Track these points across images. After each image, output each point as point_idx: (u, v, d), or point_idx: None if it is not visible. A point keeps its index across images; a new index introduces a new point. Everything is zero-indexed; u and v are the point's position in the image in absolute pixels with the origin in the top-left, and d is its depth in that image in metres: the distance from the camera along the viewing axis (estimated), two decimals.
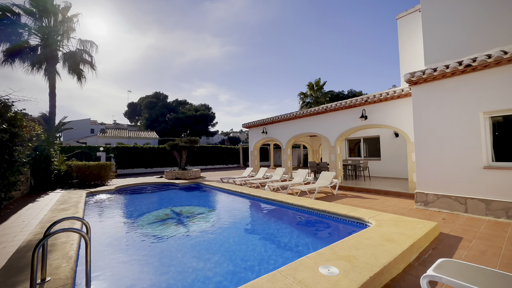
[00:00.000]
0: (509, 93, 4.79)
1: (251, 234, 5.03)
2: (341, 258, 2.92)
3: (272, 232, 5.03)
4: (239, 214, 6.73)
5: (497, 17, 5.46)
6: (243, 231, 5.17)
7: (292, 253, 3.93)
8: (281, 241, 4.47)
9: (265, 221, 5.90)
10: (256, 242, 4.46)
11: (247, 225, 5.68)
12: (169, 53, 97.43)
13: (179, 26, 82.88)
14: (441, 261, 2.65)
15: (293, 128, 11.81)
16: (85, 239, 2.29)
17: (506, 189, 4.80)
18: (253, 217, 6.43)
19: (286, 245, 4.29)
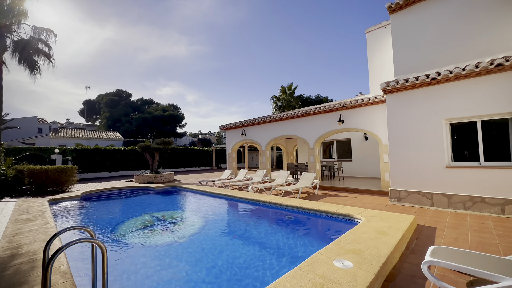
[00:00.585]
0: (466, 104, 5.67)
1: (247, 236, 5.03)
2: (349, 252, 3.14)
3: (268, 232, 5.11)
4: (229, 216, 6.67)
5: (454, 37, 6.45)
6: (239, 234, 5.15)
7: (296, 251, 4.07)
8: (280, 241, 4.57)
9: (258, 222, 5.94)
10: (256, 243, 4.49)
11: (241, 227, 5.65)
12: (132, 49, 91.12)
13: (142, 21, 78.16)
14: (433, 248, 3.02)
15: (273, 130, 12.09)
16: (102, 249, 2.08)
17: (463, 185, 5.66)
18: (244, 219, 6.42)
19: (286, 244, 4.41)
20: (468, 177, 5.62)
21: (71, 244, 1.94)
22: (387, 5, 7.83)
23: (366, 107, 8.64)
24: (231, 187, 10.69)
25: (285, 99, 27.36)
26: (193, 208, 7.55)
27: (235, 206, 7.58)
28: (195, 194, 9.60)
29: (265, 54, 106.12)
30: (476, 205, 5.44)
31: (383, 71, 11.31)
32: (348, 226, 4.97)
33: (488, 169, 5.40)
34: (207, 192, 9.12)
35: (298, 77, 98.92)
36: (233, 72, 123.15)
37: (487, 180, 5.37)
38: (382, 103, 8.22)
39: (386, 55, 11.27)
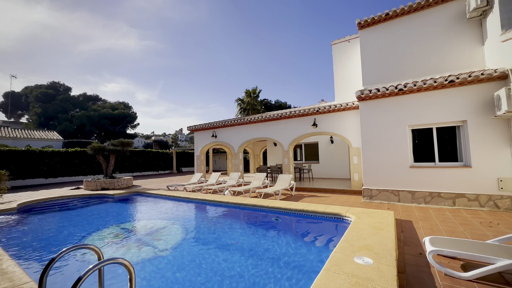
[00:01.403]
0: (425, 113, 6.62)
1: (243, 240, 4.80)
2: (361, 248, 3.27)
3: (263, 235, 4.97)
4: (213, 223, 6.26)
5: (412, 55, 7.51)
6: (231, 240, 4.87)
7: (300, 252, 4.04)
8: (278, 243, 4.49)
9: (248, 227, 5.74)
10: (255, 249, 4.31)
11: (231, 233, 5.36)
12: (69, 37, 79.36)
13: (82, 7, 68.97)
14: (430, 238, 3.38)
15: (246, 132, 12.00)
16: (129, 270, 1.67)
17: (422, 182, 6.56)
18: (231, 224, 6.11)
19: (288, 246, 4.35)
20: (426, 175, 6.54)
21: (93, 270, 1.50)
22: (357, 21, 8.62)
23: (338, 113, 9.32)
24: (205, 191, 10.15)
25: (249, 102, 27.57)
26: (169, 216, 6.86)
27: (216, 211, 7.19)
28: (166, 200, 8.77)
29: (223, 56, 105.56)
30: (434, 199, 6.37)
31: (347, 81, 12.41)
32: (339, 224, 5.23)
33: (442, 168, 6.39)
34: (181, 197, 8.44)
35: (258, 81, 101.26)
36: (189, 72, 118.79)
37: (441, 178, 6.35)
38: (352, 109, 8.98)
39: (350, 66, 12.42)
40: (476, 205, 5.89)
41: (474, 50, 6.90)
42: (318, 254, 4.01)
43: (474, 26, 6.90)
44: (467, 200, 6.00)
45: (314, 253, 4.11)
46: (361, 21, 8.59)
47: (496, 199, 5.70)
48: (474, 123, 5.99)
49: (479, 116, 5.93)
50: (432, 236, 3.42)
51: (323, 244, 4.53)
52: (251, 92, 27.72)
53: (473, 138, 5.99)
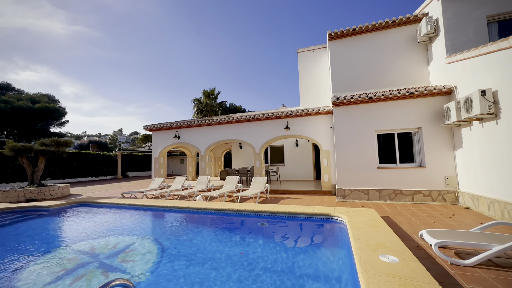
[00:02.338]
0: (388, 119, 7.47)
1: (243, 250, 4.35)
2: (377, 246, 3.33)
3: (259, 243, 4.64)
4: (195, 234, 5.55)
5: (375, 68, 8.45)
6: (224, 252, 4.38)
7: (306, 256, 3.88)
8: (284, 251, 4.24)
9: (236, 235, 5.28)
10: (256, 259, 3.95)
11: (218, 244, 4.82)
12: None
13: None
14: (427, 231, 3.69)
15: (215, 134, 11.37)
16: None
17: (387, 181, 7.36)
18: (216, 234, 5.52)
19: (295, 252, 4.14)
20: (390, 175, 7.36)
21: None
22: (328, 32, 9.23)
23: (310, 117, 9.73)
24: (171, 197, 9.08)
25: (208, 103, 26.54)
26: (134, 230, 5.77)
27: (192, 219, 6.45)
28: (125, 210, 7.44)
29: (173, 55, 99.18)
30: (397, 196, 7.20)
31: (312, 87, 13.18)
32: (330, 224, 5.32)
33: (402, 168, 7.30)
34: (146, 206, 7.30)
35: (212, 83, 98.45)
36: (131, 67, 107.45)
37: (402, 177, 7.24)
38: (323, 114, 9.50)
39: (314, 74, 13.23)
40: (430, 200, 6.91)
41: (421, 68, 8.20)
42: (332, 257, 3.94)
43: (422, 49, 8.21)
44: (422, 196, 6.98)
45: (326, 256, 4.03)
46: (331, 32, 9.23)
47: (444, 194, 6.80)
48: (427, 130, 7.06)
49: (431, 124, 7.03)
50: (429, 229, 3.76)
51: (326, 246, 4.50)
52: (209, 92, 26.75)
53: (427, 143, 7.05)
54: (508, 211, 4.76)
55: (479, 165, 5.66)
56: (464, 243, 3.19)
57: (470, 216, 5.45)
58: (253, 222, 5.90)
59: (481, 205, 5.65)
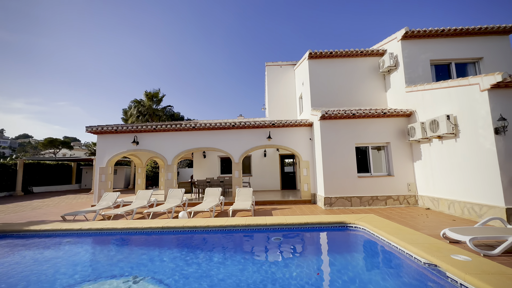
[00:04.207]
0: (364, 134, 8.56)
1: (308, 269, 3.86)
2: (430, 246, 3.63)
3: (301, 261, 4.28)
4: (214, 261, 4.60)
5: (346, 88, 9.66)
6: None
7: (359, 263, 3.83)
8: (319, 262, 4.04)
9: (260, 255, 4.69)
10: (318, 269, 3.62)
11: (256, 261, 4.15)
12: None
13: None
14: (449, 229, 4.32)
15: (187, 141, 10.09)
16: None
17: (366, 188, 8.31)
18: (234, 257, 4.72)
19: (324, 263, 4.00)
20: (367, 183, 8.36)
21: None
22: (309, 52, 10.01)
23: (291, 128, 10.03)
24: (147, 215, 7.33)
25: (150, 107, 23.50)
26: (119, 266, 4.28)
27: (192, 241, 5.36)
28: (88, 238, 5.48)
29: (89, 45, 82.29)
30: (374, 202, 8.20)
31: (279, 100, 13.80)
32: (344, 232, 5.47)
33: (376, 177, 8.42)
34: (118, 229, 5.61)
35: (148, 85, 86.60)
36: (22, 50, 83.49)
37: (376, 184, 8.34)
38: (303, 126, 9.98)
39: (282, 88, 13.93)
40: (398, 203, 8.20)
41: (381, 93, 9.91)
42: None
43: (381, 78, 9.97)
44: (393, 200, 8.21)
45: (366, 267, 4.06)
46: (311, 52, 10.03)
47: (407, 198, 8.22)
48: (394, 144, 8.47)
49: (397, 140, 8.48)
50: (449, 228, 4.40)
51: (364, 256, 4.57)
52: (153, 95, 23.82)
53: (394, 155, 8.43)
54: (468, 209, 6.17)
55: (439, 173, 7.17)
56: (489, 237, 3.90)
57: (439, 215, 6.74)
58: (265, 237, 5.42)
59: (441, 205, 7.11)
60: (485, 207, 5.71)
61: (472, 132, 6.02)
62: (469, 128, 6.10)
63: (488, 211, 5.63)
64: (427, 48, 8.75)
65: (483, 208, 5.78)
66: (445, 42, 8.77)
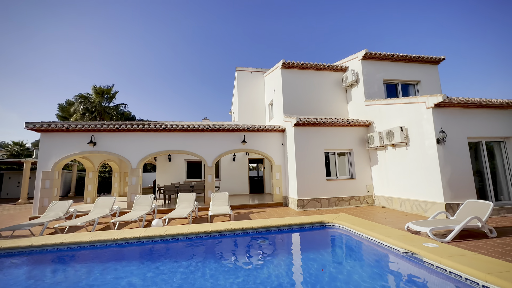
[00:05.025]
0: (332, 140, 9.41)
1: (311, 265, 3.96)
2: (403, 237, 4.26)
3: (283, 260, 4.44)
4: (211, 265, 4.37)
5: (315, 98, 10.51)
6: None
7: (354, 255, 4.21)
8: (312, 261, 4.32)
9: (251, 257, 4.69)
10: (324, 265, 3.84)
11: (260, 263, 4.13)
12: None
13: None
14: (412, 223, 5.13)
15: (154, 142, 9.33)
16: None
17: (333, 190, 9.10)
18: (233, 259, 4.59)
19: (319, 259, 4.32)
20: (334, 185, 9.18)
21: None
22: (282, 61, 10.58)
23: (265, 133, 10.29)
24: (113, 225, 6.42)
25: (100, 104, 20.85)
26: None
27: (184, 250, 5.00)
28: (49, 255, 4.55)
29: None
30: (340, 202, 9.04)
31: (248, 105, 14.09)
32: (323, 230, 5.91)
33: (341, 180, 9.32)
34: (83, 243, 4.85)
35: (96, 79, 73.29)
36: None
37: (341, 187, 9.22)
38: (277, 131, 10.37)
39: (251, 93, 14.26)
40: (359, 203, 9.21)
41: (343, 105, 11.08)
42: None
43: (343, 91, 11.16)
44: (355, 200, 9.19)
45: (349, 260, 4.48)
46: (285, 61, 10.61)
47: (366, 198, 9.31)
48: (356, 150, 9.55)
49: (358, 147, 9.57)
50: (411, 222, 5.21)
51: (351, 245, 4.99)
52: (103, 91, 21.21)
53: (356, 160, 9.48)
54: (416, 206, 7.37)
55: (392, 176, 8.38)
56: (442, 227, 4.77)
57: (394, 212, 7.84)
58: (252, 240, 5.45)
59: (394, 204, 8.29)
60: (429, 204, 6.93)
61: (420, 142, 7.27)
62: (417, 138, 7.36)
63: (431, 207, 6.85)
64: (381, 69, 10.23)
65: (427, 205, 6.99)
66: (394, 65, 10.41)
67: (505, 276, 2.70)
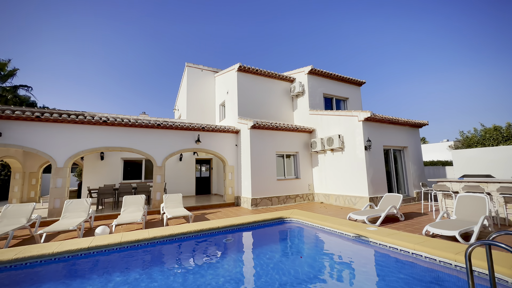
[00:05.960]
0: (281, 144, 10.32)
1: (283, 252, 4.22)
2: (350, 225, 5.26)
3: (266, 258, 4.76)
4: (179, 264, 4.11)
5: (266, 104, 11.32)
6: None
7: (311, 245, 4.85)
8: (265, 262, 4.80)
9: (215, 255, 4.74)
10: (277, 254, 4.28)
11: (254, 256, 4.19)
12: None
13: None
14: (353, 213, 6.35)
15: (90, 137, 7.87)
16: None
17: (282, 189, 9.96)
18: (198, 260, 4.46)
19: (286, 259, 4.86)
20: (283, 185, 10.07)
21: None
22: (239, 64, 10.93)
23: (219, 133, 10.25)
24: (39, 237, 5.01)
25: None
26: None
27: (152, 256, 4.50)
28: None
29: None
30: (287, 200, 9.98)
31: (198, 103, 13.78)
32: (283, 225, 6.52)
33: (289, 180, 10.32)
34: (3, 262, 3.76)
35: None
36: None
37: (289, 186, 10.21)
38: (231, 132, 10.50)
39: (202, 92, 13.98)
40: (303, 200, 10.40)
41: (290, 112, 12.31)
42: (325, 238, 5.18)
43: (290, 100, 12.41)
44: (299, 198, 10.33)
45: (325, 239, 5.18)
46: (241, 65, 10.96)
47: (308, 195, 10.62)
48: (301, 154, 10.77)
49: (303, 150, 10.83)
50: (352, 212, 6.40)
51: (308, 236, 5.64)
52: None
53: (301, 162, 10.69)
54: (347, 200, 8.98)
55: (330, 176, 9.90)
56: (372, 215, 6.10)
57: (331, 206, 9.27)
58: (217, 240, 5.49)
59: (330, 199, 9.81)
60: (358, 198, 8.60)
61: (352, 148, 8.93)
62: (351, 145, 9.01)
63: (359, 200, 8.52)
64: (322, 84, 11.94)
65: (356, 199, 8.66)
66: (332, 83, 12.34)
67: (425, 244, 3.82)
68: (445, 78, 79.01)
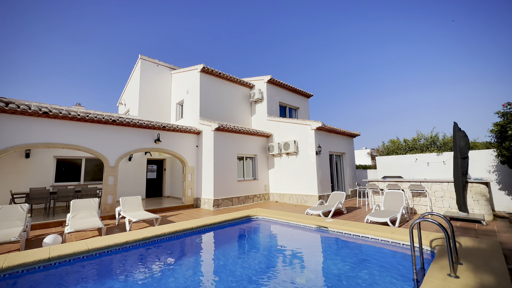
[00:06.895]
0: (242, 147, 10.84)
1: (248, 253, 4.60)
2: (311, 218, 6.21)
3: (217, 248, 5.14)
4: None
5: (230, 107, 11.71)
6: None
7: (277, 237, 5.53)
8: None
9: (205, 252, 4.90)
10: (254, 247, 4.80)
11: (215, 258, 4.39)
12: None
13: None
14: (310, 209, 7.44)
15: (22, 131, 6.52)
16: None
17: (242, 190, 10.44)
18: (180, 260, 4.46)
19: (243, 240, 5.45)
20: (243, 185, 10.57)
21: None
22: (202, 66, 10.99)
23: (181, 134, 9.96)
24: None
25: None
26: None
27: (127, 262, 4.19)
28: None
29: None
30: (247, 200, 10.51)
31: (152, 100, 13.08)
32: (251, 223, 7.02)
33: (247, 181, 10.89)
34: None
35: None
36: None
37: (248, 187, 10.78)
38: (192, 133, 10.34)
39: (157, 88, 13.28)
40: (259, 200, 11.13)
41: (249, 117, 12.99)
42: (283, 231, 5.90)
43: (249, 105, 13.10)
44: (257, 197, 11.02)
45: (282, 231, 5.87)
46: (204, 66, 11.01)
47: (264, 195, 11.43)
48: (259, 156, 11.52)
49: (261, 153, 11.60)
50: (308, 208, 7.43)
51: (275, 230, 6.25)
52: None
53: (259, 164, 11.43)
54: (300, 199, 10.17)
55: (285, 177, 10.96)
56: (325, 210, 7.26)
57: (286, 204, 10.28)
58: (191, 240, 5.59)
59: (284, 198, 10.86)
60: (309, 196, 9.87)
61: (305, 152, 10.20)
62: (304, 150, 10.27)
63: (310, 199, 9.80)
64: (278, 93, 13.06)
65: (307, 197, 9.92)
66: (286, 93, 13.63)
67: (370, 228, 4.99)
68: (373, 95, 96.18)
